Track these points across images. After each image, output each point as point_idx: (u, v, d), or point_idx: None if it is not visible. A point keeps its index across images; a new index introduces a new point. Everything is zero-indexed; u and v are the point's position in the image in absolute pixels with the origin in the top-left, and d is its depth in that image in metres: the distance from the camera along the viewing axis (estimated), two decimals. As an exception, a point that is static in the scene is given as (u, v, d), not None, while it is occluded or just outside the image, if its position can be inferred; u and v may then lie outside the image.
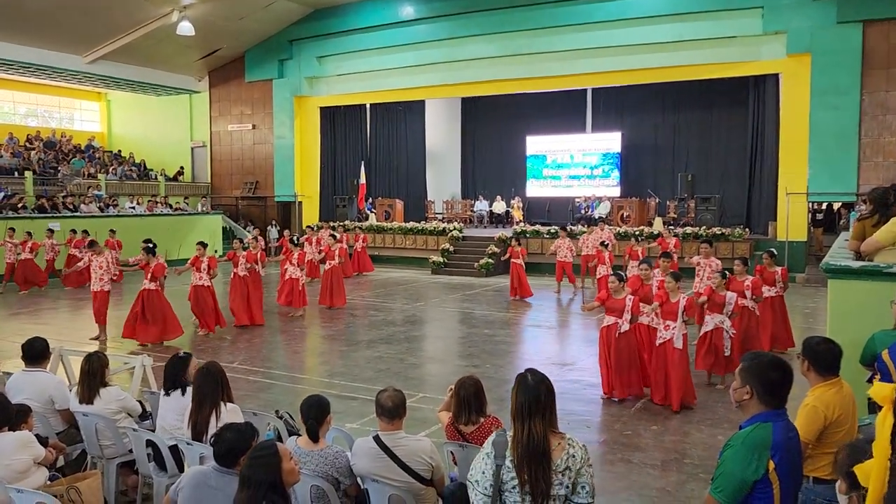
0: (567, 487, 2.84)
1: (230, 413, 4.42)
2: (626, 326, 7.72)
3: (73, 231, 17.96)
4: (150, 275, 10.95)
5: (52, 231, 17.90)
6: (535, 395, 2.91)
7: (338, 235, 16.75)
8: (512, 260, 15.55)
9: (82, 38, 22.56)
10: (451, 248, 20.85)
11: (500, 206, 25.19)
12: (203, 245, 11.96)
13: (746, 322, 8.84)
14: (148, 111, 29.55)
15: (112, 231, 18.57)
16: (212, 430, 4.27)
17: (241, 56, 26.15)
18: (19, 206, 19.71)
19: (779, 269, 10.03)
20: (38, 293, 16.66)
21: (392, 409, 3.86)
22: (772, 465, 2.76)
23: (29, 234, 17.20)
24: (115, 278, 13.23)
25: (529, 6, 20.42)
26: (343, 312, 13.94)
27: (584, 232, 17.57)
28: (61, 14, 20.44)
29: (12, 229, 17.19)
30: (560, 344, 11.49)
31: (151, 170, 28.09)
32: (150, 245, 11.37)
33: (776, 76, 18.74)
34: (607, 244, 15.72)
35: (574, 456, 2.87)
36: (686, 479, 5.79)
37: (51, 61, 23.20)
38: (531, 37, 20.72)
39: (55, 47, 22.78)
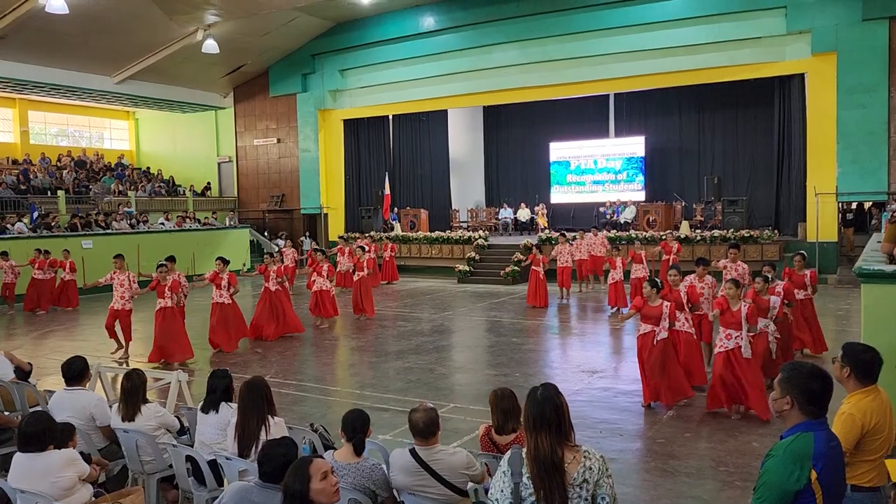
0: (586, 500, 2.85)
1: (277, 427, 4.49)
2: (663, 334, 7.66)
3: (38, 251, 17.02)
4: (165, 292, 10.87)
5: (66, 251, 17.82)
6: (540, 410, 2.93)
7: (366, 247, 16.90)
8: (532, 267, 15.58)
9: (111, 59, 23.05)
10: (477, 257, 20.88)
11: (524, 214, 25.17)
12: (224, 261, 11.75)
13: (781, 327, 8.72)
14: (175, 128, 30.05)
15: (38, 251, 17.02)
16: (261, 444, 4.35)
17: (265, 71, 26.51)
18: (53, 225, 20.12)
19: (808, 271, 9.89)
20: (70, 311, 16.98)
21: (425, 430, 3.90)
22: (814, 474, 2.76)
23: (67, 251, 17.23)
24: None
25: (551, 13, 20.44)
26: (372, 322, 14.04)
27: (576, 237, 17.66)
28: (90, 37, 20.92)
29: (4, 252, 16.73)
30: (589, 351, 11.44)
31: (180, 186, 28.52)
32: (164, 264, 11.24)
33: (802, 76, 18.55)
34: (619, 249, 15.71)
35: (591, 468, 2.87)
36: (721, 486, 5.75)
37: (80, 82, 23.71)
38: (553, 44, 20.75)
39: (85, 69, 23.29)
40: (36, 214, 20.53)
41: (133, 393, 5.11)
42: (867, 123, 17.06)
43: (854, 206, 21.71)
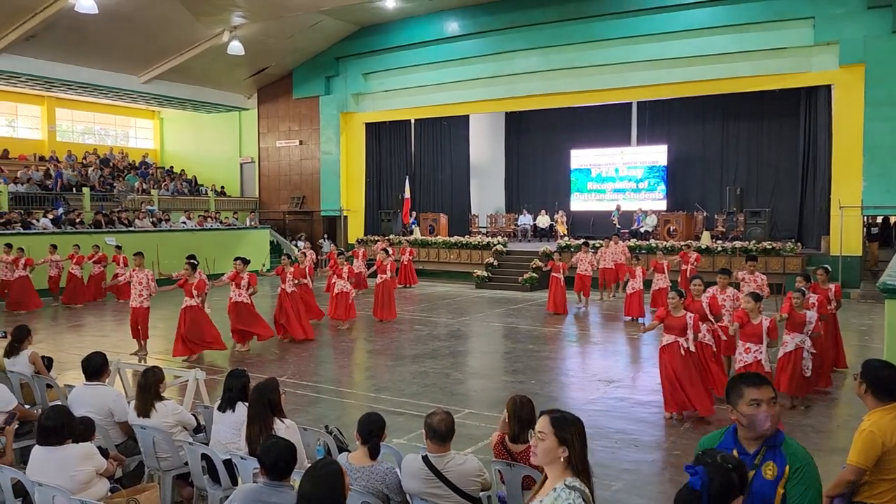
0: None
1: (288, 430, 4.49)
2: (689, 345, 7.58)
3: (77, 246, 17.76)
4: (192, 291, 11.05)
5: (119, 247, 18.27)
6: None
7: (390, 250, 16.97)
8: (552, 274, 15.54)
9: (138, 58, 23.37)
10: (495, 263, 20.86)
11: (543, 221, 25.10)
12: (244, 261, 11.90)
13: (814, 344, 8.54)
14: (199, 128, 30.37)
15: (77, 247, 17.74)
16: None
17: (289, 73, 26.71)
18: (77, 221, 20.40)
19: (832, 285, 9.73)
20: (92, 306, 17.21)
21: (444, 434, 3.90)
22: None
23: (119, 247, 18.14)
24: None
25: (575, 20, 20.41)
26: (390, 326, 14.06)
27: (601, 246, 17.56)
28: (118, 36, 21.22)
29: (54, 246, 17.52)
30: (606, 360, 11.37)
31: (202, 185, 28.79)
32: (194, 262, 11.48)
33: (828, 87, 18.33)
34: (639, 258, 15.59)
35: None
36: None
37: (108, 81, 24.06)
38: (577, 51, 20.69)
39: (112, 68, 23.62)
40: (61, 211, 20.82)
41: (146, 389, 5.16)
42: (895, 136, 16.82)
43: (879, 219, 21.39)
